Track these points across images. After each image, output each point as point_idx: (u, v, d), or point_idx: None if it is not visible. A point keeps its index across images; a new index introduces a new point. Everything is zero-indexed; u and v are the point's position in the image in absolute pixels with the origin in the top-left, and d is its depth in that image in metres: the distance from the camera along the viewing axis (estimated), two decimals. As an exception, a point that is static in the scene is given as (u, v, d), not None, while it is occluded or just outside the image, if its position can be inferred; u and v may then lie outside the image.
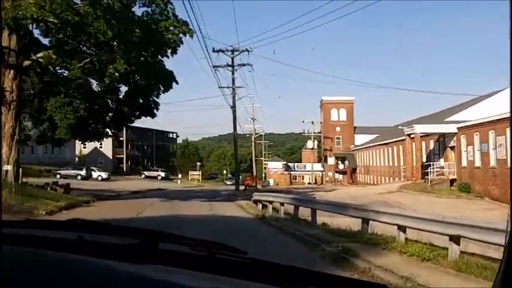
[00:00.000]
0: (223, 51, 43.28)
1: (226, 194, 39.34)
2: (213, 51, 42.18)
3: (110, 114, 25.39)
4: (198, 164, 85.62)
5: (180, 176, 78.55)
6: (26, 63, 20.58)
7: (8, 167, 18.69)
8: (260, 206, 23.14)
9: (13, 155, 19.76)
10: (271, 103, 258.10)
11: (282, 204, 19.63)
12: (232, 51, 43.49)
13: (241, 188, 44.53)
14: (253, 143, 74.47)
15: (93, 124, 25.41)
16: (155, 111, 25.63)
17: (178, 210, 20.70)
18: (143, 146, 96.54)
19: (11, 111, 19.91)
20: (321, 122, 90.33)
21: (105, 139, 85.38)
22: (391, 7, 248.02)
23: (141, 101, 24.58)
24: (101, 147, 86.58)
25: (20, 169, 20.55)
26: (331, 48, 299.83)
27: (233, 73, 43.64)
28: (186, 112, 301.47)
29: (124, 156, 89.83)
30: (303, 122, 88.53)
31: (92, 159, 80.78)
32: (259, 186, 51.19)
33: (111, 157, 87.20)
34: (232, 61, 43.71)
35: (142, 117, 26.32)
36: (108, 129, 26.28)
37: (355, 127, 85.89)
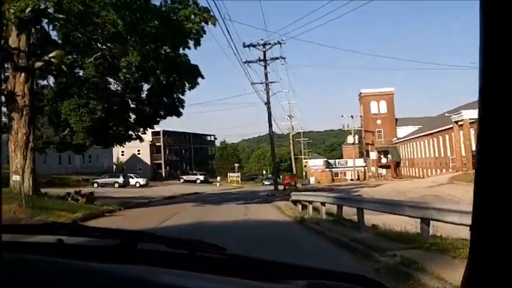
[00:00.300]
0: (254, 46, 41.27)
1: (264, 195, 37.25)
2: (244, 46, 40.23)
3: (132, 115, 23.69)
4: (236, 165, 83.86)
5: (218, 178, 77.19)
6: (38, 64, 19.10)
7: (16, 177, 17.17)
8: (299, 206, 20.96)
9: (28, 164, 18.32)
10: (308, 99, 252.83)
11: (323, 204, 17.34)
12: (264, 44, 41.43)
13: (281, 187, 42.28)
14: (291, 141, 72.19)
15: (114, 126, 23.73)
16: (180, 109, 23.80)
17: (209, 216, 18.78)
18: (181, 150, 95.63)
19: (24, 117, 18.47)
20: (360, 116, 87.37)
21: (142, 145, 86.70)
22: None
23: (165, 100, 22.80)
24: (138, 153, 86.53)
25: (33, 179, 18.97)
26: (373, 34, 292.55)
27: (265, 67, 41.64)
28: (223, 114, 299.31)
29: (162, 161, 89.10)
30: (342, 116, 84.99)
31: (131, 166, 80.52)
32: (299, 185, 48.81)
33: (149, 163, 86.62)
34: (264, 55, 41.69)
35: (170, 118, 24.56)
36: (131, 132, 24.54)
37: (396, 119, 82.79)
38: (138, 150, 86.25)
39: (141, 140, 26.90)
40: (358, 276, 1.29)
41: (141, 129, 24.99)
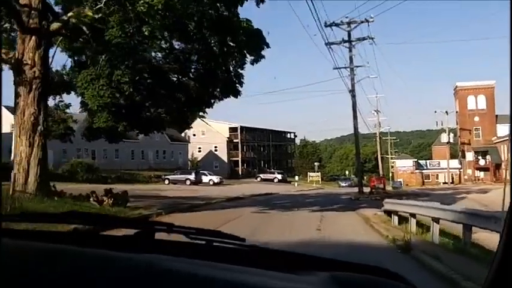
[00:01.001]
0: (337, 25, 35.34)
1: (346, 199, 31.33)
2: (325, 25, 34.43)
3: (177, 94, 18.67)
4: (317, 164, 77.83)
5: (297, 178, 71.98)
6: (54, 26, 14.81)
7: (17, 170, 12.92)
8: (395, 218, 15.12)
9: (36, 153, 14.06)
10: (396, 92, 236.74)
11: (435, 220, 11.43)
12: (349, 23, 35.40)
13: (366, 190, 35.90)
14: (377, 138, 65.04)
15: (151, 107, 19.01)
16: (238, 86, 18.70)
17: (266, 229, 13.56)
18: (259, 148, 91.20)
19: (33, 92, 14.25)
20: (456, 112, 78.17)
21: (219, 141, 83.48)
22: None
23: (219, 74, 17.75)
24: (216, 150, 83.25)
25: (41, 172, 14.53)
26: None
27: (350, 50, 35.54)
28: (303, 104, 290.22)
29: (239, 158, 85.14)
30: (435, 112, 76.22)
31: (207, 163, 77.36)
32: (389, 188, 41.74)
33: (226, 160, 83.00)
34: (349, 35, 35.63)
35: (227, 100, 19.47)
36: (175, 117, 19.57)
37: (496, 115, 72.40)
38: (215, 147, 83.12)
39: (188, 126, 21.95)
40: (379, 269, 1.28)
41: (188, 113, 20.03)
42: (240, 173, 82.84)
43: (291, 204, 25.03)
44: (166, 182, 56.14)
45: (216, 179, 61.05)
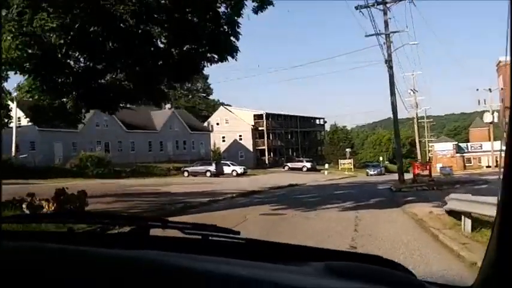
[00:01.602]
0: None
1: (385, 189, 26.02)
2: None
3: (140, 50, 13.03)
4: (348, 150, 72.21)
5: (326, 166, 66.80)
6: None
7: None
8: (466, 222, 9.97)
9: None
10: (431, 71, 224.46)
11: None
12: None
13: (407, 178, 30.35)
14: (415, 120, 59.05)
15: (108, 73, 13.73)
16: (234, 41, 13.50)
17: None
18: (286, 135, 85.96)
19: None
20: (502, 89, 71.17)
21: (243, 129, 78.57)
22: None
23: (209, 26, 12.73)
24: (240, 139, 78.58)
25: None
26: None
27: (385, 13, 29.95)
28: (333, 91, 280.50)
29: (265, 147, 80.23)
30: (477, 90, 69.57)
31: (232, 153, 72.99)
32: (439, 176, 35.01)
33: (251, 149, 78.24)
34: (383, -5, 30.05)
35: (223, 65, 14.37)
36: (143, 85, 13.93)
37: (545, 91, 65.17)
38: (240, 136, 78.51)
39: (166, 98, 16.87)
40: (374, 257, 1.28)
41: (161, 78, 14.69)
42: (267, 162, 78.04)
43: (318, 198, 20.03)
44: (186, 174, 52.22)
45: (239, 169, 56.77)
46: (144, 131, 60.96)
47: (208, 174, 51.04)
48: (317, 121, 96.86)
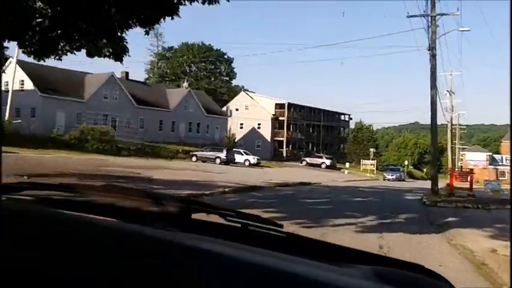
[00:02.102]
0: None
1: (415, 200, 21.51)
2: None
3: None
4: (372, 150, 67.24)
5: (347, 165, 62.22)
6: None
7: None
8: None
9: None
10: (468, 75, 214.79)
11: None
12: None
13: (440, 188, 25.58)
14: (449, 124, 53.87)
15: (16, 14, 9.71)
16: None
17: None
18: (308, 128, 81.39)
19: None
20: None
21: (263, 118, 74.42)
22: None
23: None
24: (259, 127, 74.37)
25: None
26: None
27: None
28: (362, 85, 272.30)
29: (284, 139, 75.92)
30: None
31: (249, 142, 68.95)
32: (487, 191, 28.85)
33: (269, 140, 74.03)
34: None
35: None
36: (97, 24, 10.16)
37: None
38: (259, 124, 74.28)
39: (119, 44, 12.49)
40: (418, 266, 1.27)
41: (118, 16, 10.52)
42: (285, 154, 73.82)
43: (328, 206, 15.68)
44: (194, 159, 48.64)
45: (252, 159, 53.04)
46: (156, 109, 57.23)
47: (218, 161, 47.37)
48: (342, 117, 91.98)
